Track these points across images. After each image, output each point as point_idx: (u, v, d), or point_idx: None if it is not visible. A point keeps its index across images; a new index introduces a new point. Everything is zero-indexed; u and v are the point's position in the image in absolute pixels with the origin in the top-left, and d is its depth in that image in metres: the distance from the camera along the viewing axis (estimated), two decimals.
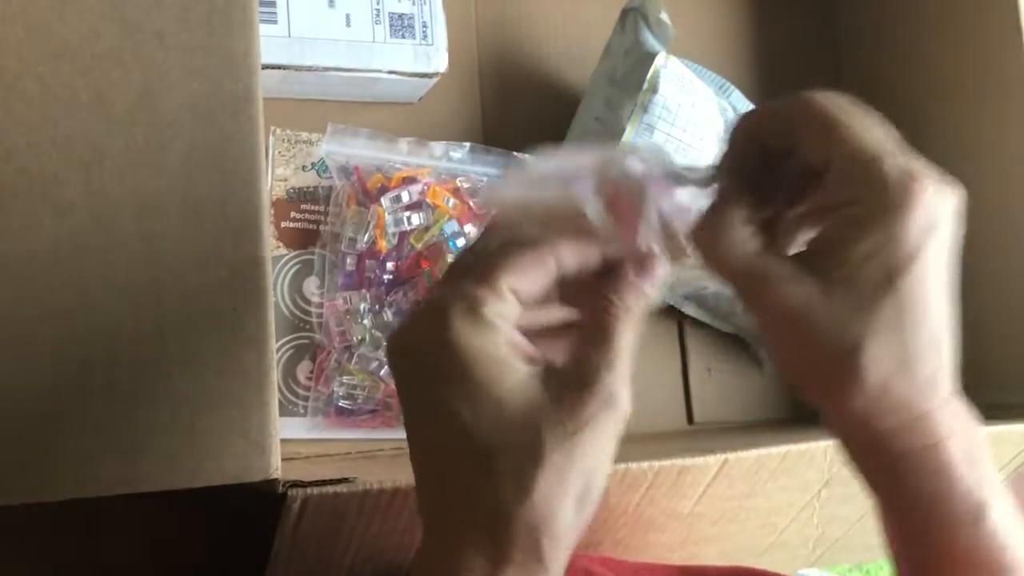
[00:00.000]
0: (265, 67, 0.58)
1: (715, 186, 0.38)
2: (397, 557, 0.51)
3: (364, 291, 0.63)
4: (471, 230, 0.64)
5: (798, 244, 0.38)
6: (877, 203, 0.34)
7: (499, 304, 0.34)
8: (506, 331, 0.34)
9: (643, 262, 0.37)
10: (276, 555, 0.49)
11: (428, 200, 0.64)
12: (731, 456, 0.54)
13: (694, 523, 0.59)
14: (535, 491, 0.32)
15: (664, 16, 0.67)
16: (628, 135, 0.65)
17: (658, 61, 0.66)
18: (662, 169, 0.37)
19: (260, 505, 0.46)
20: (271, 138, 0.64)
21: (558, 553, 0.33)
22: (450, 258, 0.63)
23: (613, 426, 0.34)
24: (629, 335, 0.36)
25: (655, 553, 0.60)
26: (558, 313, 0.38)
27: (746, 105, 0.73)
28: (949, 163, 0.78)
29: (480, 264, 0.35)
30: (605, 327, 0.36)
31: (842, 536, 0.69)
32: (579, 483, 0.33)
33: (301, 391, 0.62)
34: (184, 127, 0.44)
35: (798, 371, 0.36)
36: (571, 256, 0.36)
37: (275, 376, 0.45)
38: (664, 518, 0.57)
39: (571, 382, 0.34)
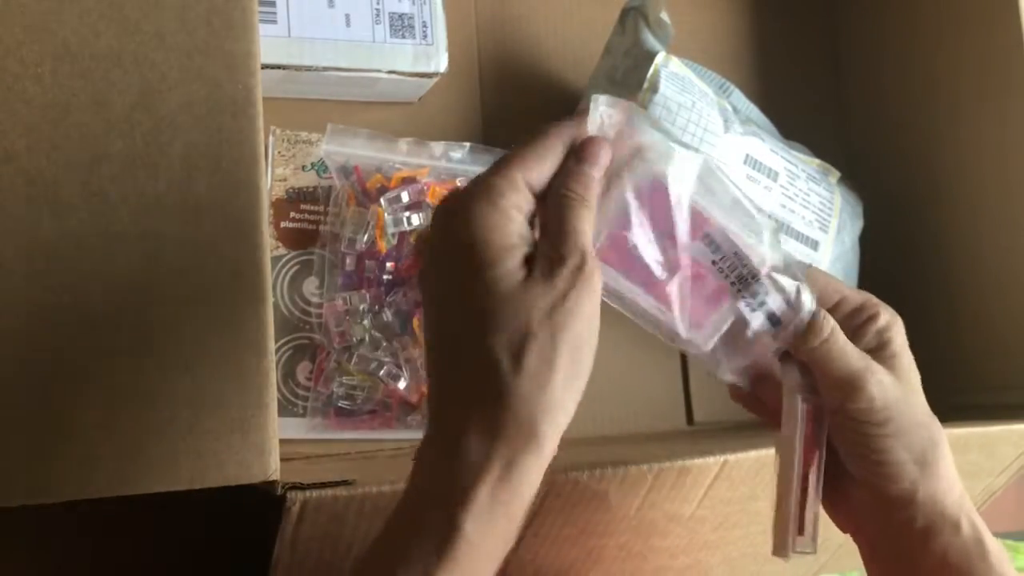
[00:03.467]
0: (265, 67, 0.58)
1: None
2: None
3: (363, 291, 0.63)
4: None
5: None
6: None
7: (514, 195, 0.38)
8: (518, 221, 0.38)
9: (583, 149, 0.41)
10: (277, 559, 0.49)
11: (428, 200, 0.64)
12: (731, 457, 0.54)
13: (696, 527, 0.59)
14: (526, 365, 0.36)
15: (664, 16, 0.67)
16: None
17: (658, 61, 0.66)
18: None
19: (260, 506, 0.46)
20: (271, 138, 0.64)
21: (549, 429, 0.36)
22: None
23: (587, 297, 0.37)
24: (583, 215, 0.39)
25: (657, 559, 0.60)
26: None
27: (746, 105, 0.73)
28: (949, 163, 0.78)
29: (502, 160, 0.40)
30: (562, 215, 0.39)
31: (845, 540, 0.69)
32: (565, 356, 0.36)
33: (300, 391, 0.62)
34: (183, 128, 0.44)
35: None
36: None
37: (274, 377, 0.45)
38: (666, 522, 0.57)
39: (545, 264, 0.38)
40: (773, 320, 0.44)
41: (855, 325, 0.46)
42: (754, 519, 0.61)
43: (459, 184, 0.65)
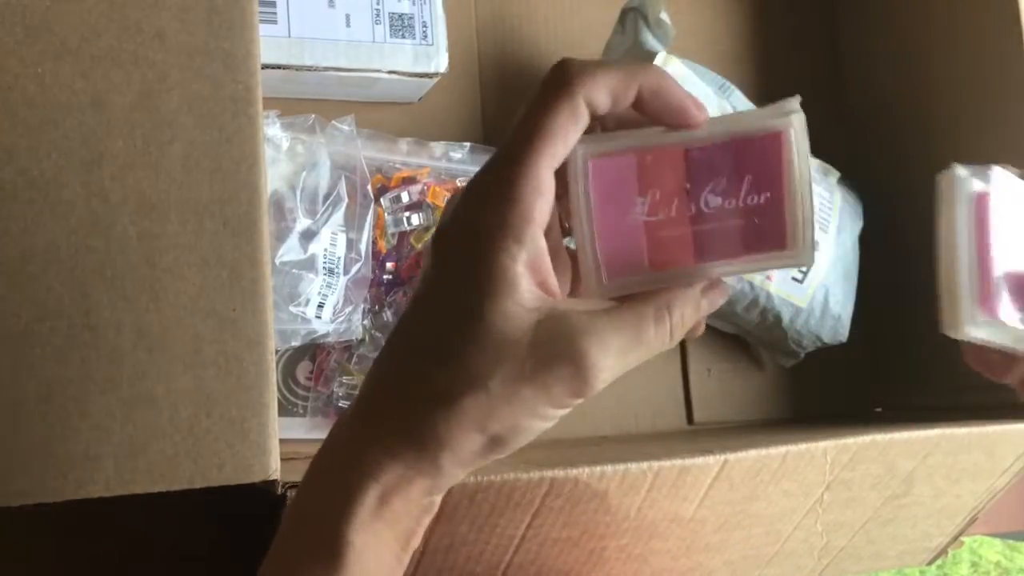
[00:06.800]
0: (265, 67, 0.58)
1: None
2: None
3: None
4: None
5: None
6: None
7: (534, 225, 0.34)
8: (532, 254, 0.34)
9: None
10: None
11: (428, 200, 0.64)
12: (731, 457, 0.54)
13: (697, 529, 0.59)
14: (457, 412, 0.34)
15: (664, 16, 0.67)
16: None
17: (658, 61, 0.66)
18: None
19: (260, 505, 0.46)
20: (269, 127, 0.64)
21: (453, 469, 0.35)
22: None
23: (558, 401, 0.34)
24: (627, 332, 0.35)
25: (658, 561, 0.60)
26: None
27: (746, 105, 0.73)
28: (949, 163, 0.78)
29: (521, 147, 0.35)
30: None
31: (847, 544, 0.68)
32: (498, 430, 0.34)
33: (301, 391, 0.62)
34: (184, 128, 0.44)
35: None
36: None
37: (274, 377, 0.45)
38: (666, 523, 0.57)
39: (547, 345, 0.34)
40: None
41: None
42: (755, 521, 0.61)
43: (459, 184, 0.65)
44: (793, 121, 0.35)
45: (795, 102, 0.36)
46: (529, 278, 0.34)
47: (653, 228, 0.36)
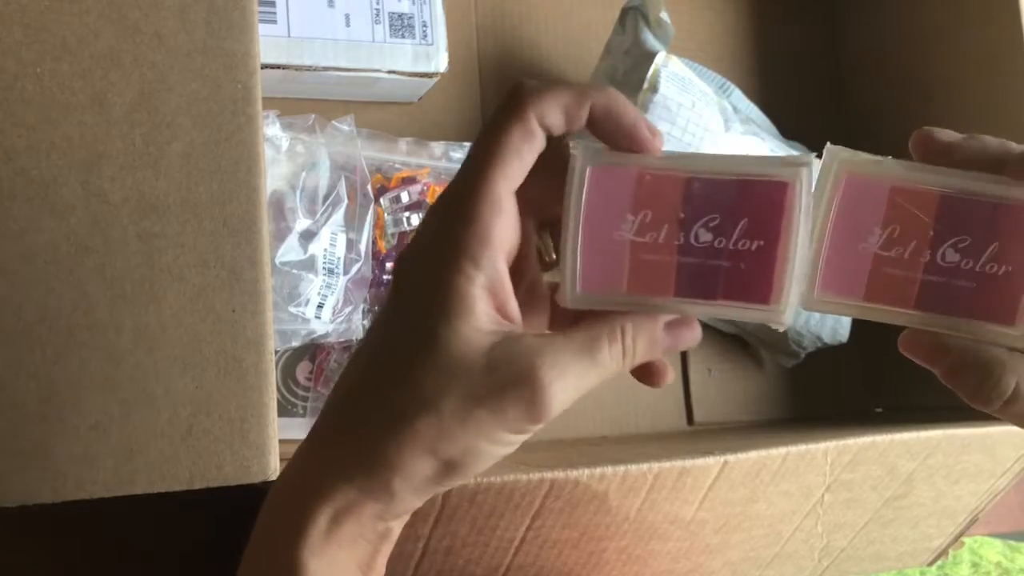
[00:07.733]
0: (265, 67, 0.58)
1: None
2: (398, 561, 0.51)
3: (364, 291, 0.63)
4: None
5: None
6: None
7: (491, 247, 0.33)
8: (491, 277, 0.34)
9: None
10: None
11: (428, 200, 0.64)
12: (731, 458, 0.54)
13: (697, 531, 0.59)
14: (408, 435, 0.33)
15: (664, 15, 0.67)
16: None
17: (658, 60, 0.66)
18: None
19: (260, 506, 0.46)
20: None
21: (406, 494, 0.34)
22: None
23: (514, 426, 0.33)
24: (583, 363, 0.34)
25: (658, 562, 0.60)
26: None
27: (746, 105, 0.73)
28: None
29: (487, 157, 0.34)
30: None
31: (847, 545, 0.68)
32: (451, 454, 0.33)
33: (300, 391, 0.62)
34: (183, 128, 0.44)
35: None
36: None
37: (274, 377, 0.45)
38: (667, 525, 0.57)
39: (502, 367, 0.33)
40: None
41: None
42: (755, 522, 0.60)
43: None
44: (802, 174, 0.34)
45: (809, 156, 0.34)
46: (487, 301, 0.33)
47: (638, 250, 0.35)
